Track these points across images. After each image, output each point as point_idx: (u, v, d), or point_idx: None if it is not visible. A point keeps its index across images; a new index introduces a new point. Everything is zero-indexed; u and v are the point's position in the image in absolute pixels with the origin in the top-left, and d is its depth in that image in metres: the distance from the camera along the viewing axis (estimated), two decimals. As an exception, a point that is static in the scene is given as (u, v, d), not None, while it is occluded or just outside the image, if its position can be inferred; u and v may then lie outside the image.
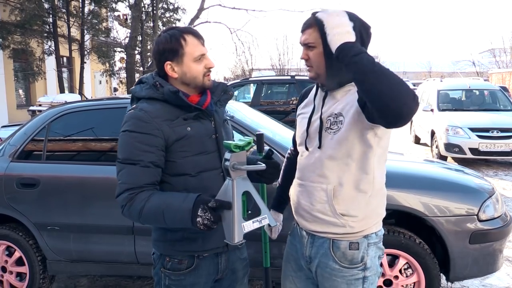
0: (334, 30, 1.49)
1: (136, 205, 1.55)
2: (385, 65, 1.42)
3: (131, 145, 1.60)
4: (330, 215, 1.65)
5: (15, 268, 3.36)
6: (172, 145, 1.62)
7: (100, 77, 21.50)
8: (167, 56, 1.65)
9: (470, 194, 2.98)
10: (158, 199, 1.55)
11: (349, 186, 1.63)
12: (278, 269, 3.02)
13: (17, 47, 13.77)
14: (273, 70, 31.26)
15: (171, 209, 1.52)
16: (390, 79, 1.35)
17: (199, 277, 1.71)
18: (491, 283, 3.73)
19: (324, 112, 1.68)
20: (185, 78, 1.67)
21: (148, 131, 1.59)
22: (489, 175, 7.87)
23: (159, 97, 1.65)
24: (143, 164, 1.58)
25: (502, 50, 32.25)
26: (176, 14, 19.46)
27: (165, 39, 1.65)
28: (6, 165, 3.28)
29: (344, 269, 1.65)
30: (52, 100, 11.40)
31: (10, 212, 3.27)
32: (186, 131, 1.64)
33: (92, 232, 3.16)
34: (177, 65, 1.66)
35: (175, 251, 1.70)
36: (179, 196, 1.55)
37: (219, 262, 1.75)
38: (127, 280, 3.90)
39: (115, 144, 3.29)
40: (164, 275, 1.72)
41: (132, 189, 1.57)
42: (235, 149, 1.48)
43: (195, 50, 1.65)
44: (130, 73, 13.79)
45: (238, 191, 1.47)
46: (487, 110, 9.43)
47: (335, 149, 1.62)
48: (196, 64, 1.66)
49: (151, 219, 1.57)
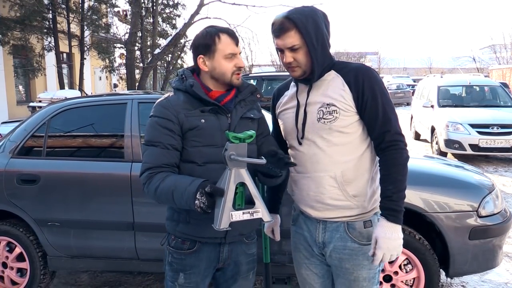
0: (389, 247, 1.65)
1: (153, 184, 1.67)
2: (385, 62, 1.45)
3: (153, 128, 1.75)
4: (343, 199, 1.73)
5: (16, 264, 3.37)
6: (186, 133, 1.74)
7: (100, 73, 21.45)
8: (201, 50, 1.77)
9: (470, 190, 2.98)
10: (170, 180, 1.65)
11: (355, 168, 1.73)
12: (278, 264, 3.03)
13: (17, 43, 13.76)
14: (273, 66, 31.22)
15: (178, 190, 1.61)
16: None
17: (199, 260, 1.81)
18: (491, 278, 3.74)
19: (311, 103, 1.75)
20: (214, 73, 1.77)
21: (166, 116, 1.73)
22: (489, 171, 7.87)
23: (182, 89, 1.79)
24: (162, 146, 1.71)
25: (503, 46, 32.21)
26: (176, 9, 19.40)
27: (201, 35, 1.78)
28: (6, 161, 3.28)
29: (364, 247, 1.76)
30: (52, 96, 11.39)
31: (10, 208, 3.27)
32: (200, 122, 1.74)
33: (92, 228, 3.17)
34: (209, 60, 1.77)
35: (177, 231, 1.81)
36: (188, 179, 1.64)
37: (221, 251, 1.83)
38: (128, 276, 3.91)
39: (115, 140, 3.29)
40: (168, 252, 1.85)
41: (152, 169, 1.70)
42: (234, 140, 1.52)
43: (227, 48, 1.75)
44: (130, 69, 13.74)
45: (233, 181, 1.52)
46: (488, 106, 9.42)
47: (336, 137, 1.71)
48: (226, 61, 1.76)
49: (163, 198, 1.67)
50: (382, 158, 1.70)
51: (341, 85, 1.71)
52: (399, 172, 1.66)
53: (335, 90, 1.71)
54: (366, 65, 1.79)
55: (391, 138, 1.68)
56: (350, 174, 1.72)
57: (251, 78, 10.73)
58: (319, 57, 1.70)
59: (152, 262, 3.16)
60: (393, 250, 1.65)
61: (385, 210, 1.67)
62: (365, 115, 1.70)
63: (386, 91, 1.73)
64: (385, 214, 1.66)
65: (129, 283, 3.77)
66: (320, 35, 1.69)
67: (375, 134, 1.71)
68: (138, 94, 3.50)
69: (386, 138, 1.68)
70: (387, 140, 1.68)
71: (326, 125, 1.71)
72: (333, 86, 1.72)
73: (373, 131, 1.71)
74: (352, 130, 1.72)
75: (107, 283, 3.81)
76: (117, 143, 3.27)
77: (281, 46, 1.71)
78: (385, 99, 1.70)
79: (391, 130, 1.68)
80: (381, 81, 1.72)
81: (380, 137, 1.69)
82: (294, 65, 1.73)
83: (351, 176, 1.72)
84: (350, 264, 1.77)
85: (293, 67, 1.73)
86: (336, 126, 1.70)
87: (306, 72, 1.74)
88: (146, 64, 14.22)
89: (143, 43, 15.51)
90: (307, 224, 1.86)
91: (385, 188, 1.67)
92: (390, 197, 1.65)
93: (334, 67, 1.75)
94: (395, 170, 1.66)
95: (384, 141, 1.68)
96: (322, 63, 1.71)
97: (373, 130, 1.71)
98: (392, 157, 1.67)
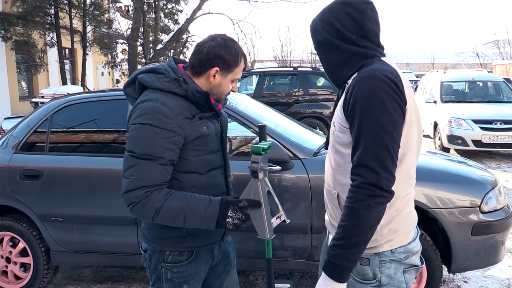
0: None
1: (153, 204, 1.52)
2: (388, 56, 1.40)
3: (153, 141, 1.53)
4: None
5: (19, 259, 3.39)
6: (188, 143, 1.61)
7: (102, 68, 21.48)
8: (220, 63, 1.64)
9: (472, 186, 2.98)
10: (179, 201, 1.55)
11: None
12: (280, 260, 3.04)
13: (19, 38, 13.77)
14: (275, 62, 31.17)
15: (194, 213, 1.54)
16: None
17: (199, 266, 1.75)
18: (493, 274, 3.74)
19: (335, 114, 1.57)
20: (215, 90, 1.69)
21: (172, 128, 1.55)
22: (491, 167, 7.86)
23: (179, 93, 1.62)
24: (163, 162, 1.54)
25: (506, 41, 32.05)
26: (178, 5, 19.41)
27: (229, 49, 1.65)
28: (9, 157, 3.29)
29: (357, 283, 1.51)
30: (55, 92, 11.43)
31: (13, 203, 3.28)
32: (204, 130, 1.66)
33: (95, 223, 3.18)
34: (220, 76, 1.67)
35: (176, 247, 1.70)
36: (201, 199, 1.57)
37: (214, 249, 1.80)
38: (130, 270, 3.93)
39: (118, 135, 3.29)
40: (165, 270, 1.71)
41: (148, 187, 1.52)
42: (263, 152, 1.59)
43: (239, 73, 1.71)
44: (132, 64, 13.75)
45: (264, 191, 1.59)
46: (491, 102, 9.39)
47: (337, 155, 1.51)
48: (230, 84, 1.72)
49: (167, 219, 1.55)
50: None
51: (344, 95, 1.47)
52: (346, 215, 1.34)
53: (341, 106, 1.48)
54: (371, 71, 1.37)
55: (353, 171, 1.35)
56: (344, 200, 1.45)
57: (254, 74, 10.73)
58: (327, 58, 1.52)
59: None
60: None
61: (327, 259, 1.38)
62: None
63: (377, 108, 1.32)
64: (325, 264, 1.38)
65: (132, 278, 3.79)
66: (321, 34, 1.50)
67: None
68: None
69: (352, 169, 1.37)
70: (351, 172, 1.37)
71: (333, 140, 1.54)
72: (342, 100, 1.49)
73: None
74: (348, 151, 1.44)
75: (110, 278, 3.82)
76: (120, 139, 3.27)
77: None
78: (364, 120, 1.33)
79: (356, 160, 1.34)
80: (374, 91, 1.33)
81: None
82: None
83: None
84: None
85: None
86: (334, 142, 1.51)
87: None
88: (148, 59, 14.22)
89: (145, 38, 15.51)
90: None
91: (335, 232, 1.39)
92: (332, 245, 1.36)
93: (361, 69, 1.44)
94: (344, 212, 1.36)
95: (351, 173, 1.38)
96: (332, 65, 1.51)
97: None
98: (348, 195, 1.36)
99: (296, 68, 10.43)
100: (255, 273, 3.72)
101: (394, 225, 1.46)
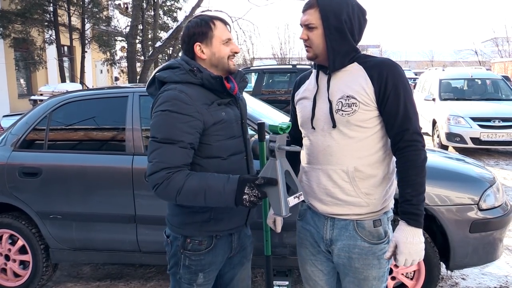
0: (411, 251, 1.62)
1: (175, 183, 1.59)
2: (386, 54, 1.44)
3: (172, 125, 1.62)
4: (353, 195, 1.69)
5: (18, 256, 3.39)
6: (208, 129, 1.68)
7: (101, 66, 21.45)
8: (197, 38, 1.75)
9: (471, 183, 2.99)
10: (199, 180, 1.61)
11: (369, 165, 1.68)
12: (279, 257, 3.05)
13: (18, 36, 13.74)
14: (274, 59, 31.14)
15: (214, 190, 1.59)
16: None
17: (216, 256, 1.82)
18: (491, 271, 3.75)
19: (332, 94, 1.70)
20: (214, 59, 1.76)
21: (190, 113, 1.64)
22: (490, 165, 7.87)
23: (196, 82, 1.71)
24: (183, 145, 1.62)
25: (505, 39, 32.07)
26: (177, 2, 19.36)
27: (195, 23, 1.76)
28: (8, 154, 3.29)
29: (374, 246, 1.72)
30: (53, 90, 11.40)
31: (12, 201, 3.28)
32: (222, 115, 1.72)
33: (94, 221, 3.18)
34: (206, 47, 1.75)
35: (200, 232, 1.77)
36: (220, 177, 1.62)
37: (233, 240, 1.86)
38: (130, 268, 3.93)
39: (117, 133, 3.30)
40: (184, 256, 1.79)
41: (170, 168, 1.60)
42: (281, 131, 1.61)
43: (223, 33, 1.76)
44: (131, 62, 13.73)
45: (282, 170, 1.60)
46: (489, 100, 9.40)
47: (353, 131, 1.66)
48: (224, 47, 1.76)
49: (189, 198, 1.61)
50: (399, 158, 1.65)
51: (363, 78, 1.65)
52: (417, 174, 1.61)
53: (356, 82, 1.66)
54: (392, 60, 1.71)
55: (409, 138, 1.62)
56: (364, 171, 1.67)
57: (253, 71, 10.72)
58: (335, 43, 1.66)
59: (154, 255, 3.17)
60: (415, 255, 1.61)
61: (405, 214, 1.62)
62: (385, 111, 1.64)
63: (410, 89, 1.67)
64: (406, 218, 1.61)
65: (131, 276, 3.79)
66: (341, 22, 1.64)
67: (393, 132, 1.65)
68: (139, 87, 3.50)
69: (404, 137, 1.62)
70: (405, 139, 1.62)
71: (344, 118, 1.65)
72: (355, 78, 1.67)
73: (392, 128, 1.65)
74: (370, 125, 1.66)
75: (109, 275, 3.83)
76: (119, 136, 3.27)
77: (301, 22, 1.72)
78: (407, 97, 1.64)
79: (410, 129, 1.62)
80: (406, 78, 1.66)
81: (398, 136, 1.63)
82: (307, 45, 1.72)
83: (365, 173, 1.68)
84: (360, 263, 1.73)
85: (306, 46, 1.73)
86: (354, 120, 1.65)
87: (317, 55, 1.71)
88: (147, 57, 14.21)
89: (144, 36, 15.50)
90: (315, 220, 1.82)
91: (404, 192, 1.62)
92: (409, 200, 1.61)
93: (358, 60, 1.70)
94: (413, 172, 1.61)
95: (402, 140, 1.62)
96: (338, 51, 1.67)
97: (392, 127, 1.65)
98: (410, 158, 1.62)
99: (295, 65, 10.41)
100: (254, 270, 3.73)
101: (392, 187, 1.78)
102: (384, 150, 1.71)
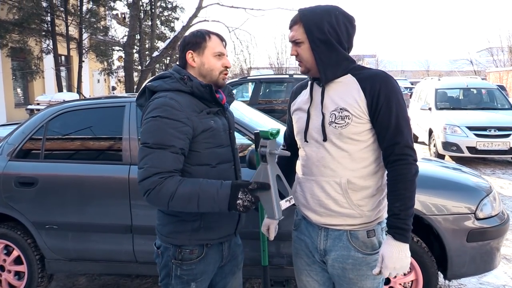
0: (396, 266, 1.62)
1: (167, 189, 1.59)
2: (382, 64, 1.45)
3: (163, 131, 1.64)
4: (346, 206, 1.70)
5: (14, 267, 3.36)
6: (198, 136, 1.71)
7: (98, 75, 21.46)
8: (190, 46, 1.81)
9: (467, 192, 2.99)
10: (192, 185, 1.61)
11: (362, 177, 1.69)
12: (276, 267, 3.03)
13: (15, 45, 13.75)
14: (271, 69, 31.26)
15: (207, 195, 1.60)
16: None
17: (208, 265, 1.83)
18: (488, 281, 3.75)
19: (325, 106, 1.71)
20: (203, 69, 1.81)
21: (180, 119, 1.67)
22: (486, 174, 7.89)
23: (186, 90, 1.75)
24: (174, 150, 1.64)
25: (500, 48, 32.32)
26: (175, 12, 19.45)
27: (192, 34, 1.84)
28: (4, 164, 3.28)
29: (368, 256, 1.73)
30: (50, 99, 11.40)
31: (8, 211, 3.26)
32: (211, 123, 1.76)
33: (90, 231, 3.16)
34: (198, 56, 1.81)
35: (191, 241, 1.78)
36: (213, 182, 1.64)
37: (223, 249, 1.87)
38: (126, 278, 3.91)
39: (114, 143, 3.29)
40: (175, 266, 1.79)
41: (162, 173, 1.60)
42: (271, 136, 1.66)
43: (217, 46, 1.82)
44: (128, 71, 13.75)
45: (273, 174, 1.64)
46: (485, 109, 9.45)
47: (346, 143, 1.67)
48: (214, 59, 1.81)
49: (182, 204, 1.61)
50: (390, 171, 1.65)
51: (356, 90, 1.66)
52: (406, 188, 1.61)
53: (349, 95, 1.66)
54: (385, 72, 1.71)
55: (400, 151, 1.63)
56: (357, 183, 1.68)
57: (250, 81, 10.75)
58: (323, 56, 1.67)
59: (150, 265, 3.15)
60: (400, 269, 1.62)
61: (392, 229, 1.62)
62: (377, 123, 1.65)
63: (404, 102, 1.66)
64: (392, 232, 1.62)
65: (127, 286, 3.77)
66: (325, 34, 1.64)
67: (384, 145, 1.65)
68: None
69: (395, 150, 1.63)
70: (396, 153, 1.63)
71: (337, 130, 1.66)
72: (348, 90, 1.67)
73: (383, 141, 1.66)
74: (363, 138, 1.67)
75: (105, 286, 3.80)
76: (115, 146, 3.27)
77: (289, 39, 1.76)
78: (400, 111, 1.64)
79: (401, 142, 1.63)
80: (399, 91, 1.66)
81: (389, 149, 1.64)
82: (298, 60, 1.75)
83: (358, 185, 1.69)
84: (354, 274, 1.74)
85: (299, 61, 1.75)
86: (346, 132, 1.66)
87: (309, 69, 1.72)
88: (145, 66, 14.24)
89: (141, 45, 15.54)
90: (309, 230, 1.83)
91: (392, 206, 1.63)
92: (397, 215, 1.61)
93: (352, 71, 1.70)
94: (402, 186, 1.61)
95: (393, 154, 1.63)
96: (327, 63, 1.67)
97: (383, 140, 1.65)
98: (400, 172, 1.62)
99: (292, 75, 10.44)
100: (251, 280, 3.71)
101: (385, 197, 1.75)
102: (377, 162, 1.72)
